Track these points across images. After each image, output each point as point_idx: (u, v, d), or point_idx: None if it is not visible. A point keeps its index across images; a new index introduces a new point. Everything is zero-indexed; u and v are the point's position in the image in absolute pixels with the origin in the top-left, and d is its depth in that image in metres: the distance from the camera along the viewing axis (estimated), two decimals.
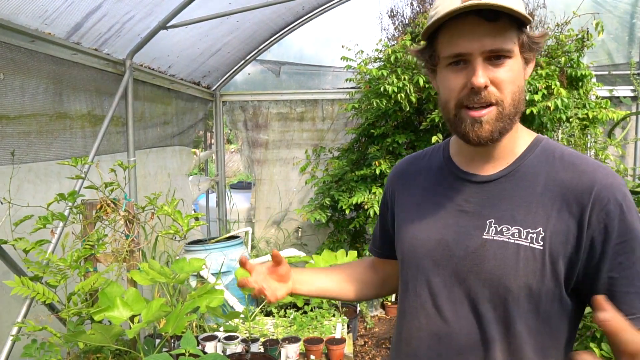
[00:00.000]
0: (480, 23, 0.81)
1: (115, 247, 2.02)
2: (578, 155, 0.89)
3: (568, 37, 3.60)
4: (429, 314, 0.94)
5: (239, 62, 4.50)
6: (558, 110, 3.39)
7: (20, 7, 2.03)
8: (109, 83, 2.85)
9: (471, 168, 0.95)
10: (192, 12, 2.89)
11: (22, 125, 2.18)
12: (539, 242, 0.84)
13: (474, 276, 0.88)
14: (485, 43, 0.82)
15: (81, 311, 1.85)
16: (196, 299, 1.95)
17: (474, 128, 0.86)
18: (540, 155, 0.90)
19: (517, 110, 0.87)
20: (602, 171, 0.85)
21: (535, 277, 0.84)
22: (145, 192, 3.07)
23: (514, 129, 0.90)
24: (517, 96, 0.86)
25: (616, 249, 0.82)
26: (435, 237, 0.93)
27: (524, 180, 0.89)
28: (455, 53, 0.84)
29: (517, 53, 0.85)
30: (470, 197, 0.92)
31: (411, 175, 1.06)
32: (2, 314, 2.03)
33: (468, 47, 0.83)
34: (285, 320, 2.92)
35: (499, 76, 0.83)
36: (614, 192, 0.82)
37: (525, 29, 0.85)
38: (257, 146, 4.75)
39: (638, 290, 0.81)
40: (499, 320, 0.86)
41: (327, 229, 4.41)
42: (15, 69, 2.11)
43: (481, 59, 0.83)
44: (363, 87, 3.98)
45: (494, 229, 0.87)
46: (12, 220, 1.84)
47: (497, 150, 0.92)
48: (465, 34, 0.83)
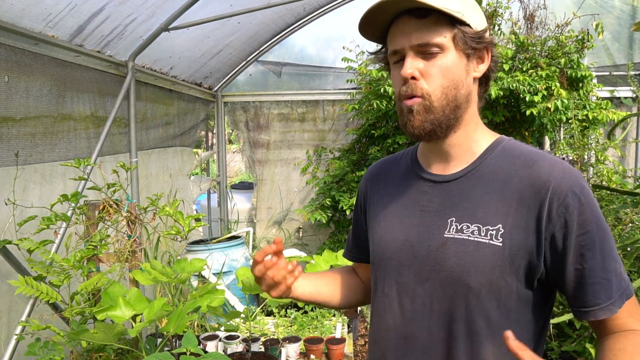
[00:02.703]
0: (410, 20, 0.87)
1: (118, 248, 2.05)
2: (537, 152, 0.91)
3: (568, 38, 3.61)
4: (395, 314, 0.96)
5: (240, 63, 4.52)
6: (558, 112, 3.40)
7: (24, 11, 2.05)
8: (112, 84, 2.87)
9: (434, 169, 0.97)
10: (194, 14, 2.91)
11: (27, 126, 2.21)
12: (498, 239, 0.85)
13: (436, 275, 0.90)
14: (412, 38, 0.87)
15: (84, 310, 1.87)
16: (197, 298, 1.97)
17: (408, 118, 0.90)
18: (500, 155, 0.92)
19: (451, 103, 0.89)
20: (559, 166, 0.87)
21: (495, 273, 0.85)
22: (147, 192, 3.10)
23: (470, 128, 0.94)
24: (448, 90, 0.88)
25: (578, 240, 0.83)
26: (401, 238, 0.96)
27: (484, 178, 0.91)
28: (392, 50, 0.91)
29: (451, 47, 0.87)
30: (434, 197, 0.94)
31: (382, 178, 1.08)
32: (6, 313, 2.06)
33: (400, 43, 0.89)
34: (285, 320, 2.94)
35: (427, 69, 0.88)
36: (571, 186, 0.84)
37: (461, 25, 0.87)
38: (259, 146, 4.77)
39: (601, 281, 0.84)
40: (461, 318, 0.88)
41: (328, 229, 4.43)
42: (19, 71, 2.14)
43: (412, 53, 0.88)
44: (364, 88, 4.00)
45: (454, 227, 0.89)
46: (17, 221, 1.86)
47: (456, 149, 0.94)
48: (399, 32, 0.89)
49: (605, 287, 0.84)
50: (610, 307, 0.84)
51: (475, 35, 0.88)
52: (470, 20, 0.88)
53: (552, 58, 3.60)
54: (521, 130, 3.68)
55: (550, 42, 3.67)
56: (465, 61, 0.90)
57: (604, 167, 3.31)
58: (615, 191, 2.55)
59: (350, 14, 4.35)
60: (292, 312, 3.04)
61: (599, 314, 0.84)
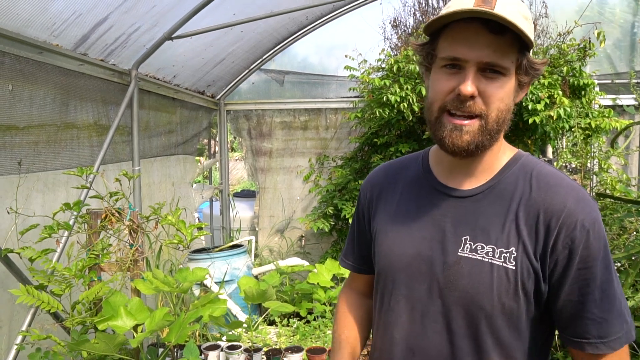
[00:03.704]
0: (484, 33, 0.81)
1: (120, 257, 2.04)
2: (555, 175, 0.89)
3: (570, 46, 3.61)
4: (403, 327, 0.94)
5: (243, 72, 4.54)
6: (561, 120, 3.39)
7: (29, 20, 2.07)
8: (115, 93, 2.88)
9: (450, 181, 0.94)
10: (197, 23, 2.93)
11: (31, 135, 2.21)
12: (511, 262, 0.84)
13: (448, 292, 0.88)
14: (483, 54, 0.81)
15: (85, 320, 1.86)
16: (199, 308, 1.96)
17: (452, 135, 0.85)
18: (518, 173, 0.90)
19: (500, 128, 0.87)
20: (574, 195, 0.85)
21: (508, 296, 0.84)
22: (150, 200, 3.09)
23: (497, 146, 0.91)
24: (502, 114, 0.85)
25: (577, 274, 0.82)
26: (411, 252, 0.93)
27: (500, 198, 0.89)
28: (452, 56, 0.83)
29: (513, 73, 0.85)
30: (448, 212, 0.92)
31: (389, 185, 1.03)
32: (7, 323, 2.05)
33: (466, 53, 0.82)
34: (288, 330, 2.92)
35: (488, 90, 0.83)
36: (582, 219, 0.82)
37: (526, 52, 0.84)
38: (261, 154, 4.78)
39: (594, 318, 0.82)
40: (471, 336, 0.87)
41: (331, 238, 4.42)
42: (24, 80, 2.15)
43: (475, 68, 0.82)
44: (366, 96, 4.00)
45: (469, 247, 0.88)
46: (20, 229, 1.86)
47: (478, 165, 0.91)
48: (467, 40, 0.82)
49: (597, 325, 0.82)
50: (600, 345, 0.82)
51: (536, 66, 0.86)
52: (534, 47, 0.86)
53: (554, 66, 3.60)
54: (524, 139, 3.67)
55: (552, 51, 3.67)
56: (517, 88, 0.88)
57: (607, 175, 3.30)
58: (619, 199, 2.53)
59: (353, 23, 4.36)
60: (295, 321, 3.02)
61: (586, 347, 0.83)
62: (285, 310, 2.61)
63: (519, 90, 0.89)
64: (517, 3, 0.83)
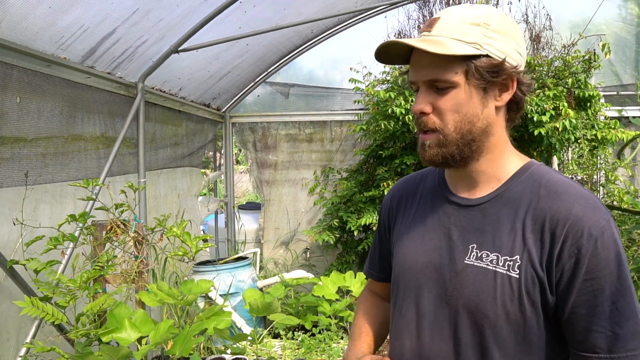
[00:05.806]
0: (424, 53, 0.85)
1: (125, 269, 2.04)
2: (564, 183, 0.87)
3: (575, 58, 3.62)
4: (412, 335, 0.95)
5: (248, 84, 4.57)
6: (566, 131, 3.38)
7: (38, 33, 2.10)
8: (122, 105, 2.91)
9: (459, 191, 0.96)
10: (203, 36, 2.96)
11: (39, 147, 2.23)
12: (515, 270, 0.84)
13: (455, 301, 0.89)
14: (425, 72, 0.87)
15: (89, 332, 1.85)
16: (204, 320, 1.95)
17: (421, 150, 0.92)
18: (526, 181, 0.90)
19: (465, 137, 0.88)
20: (582, 202, 0.83)
21: (513, 304, 0.83)
22: (156, 212, 3.10)
23: (494, 155, 0.91)
24: (462, 124, 0.87)
25: (584, 284, 0.80)
26: (423, 260, 0.95)
27: (507, 206, 0.89)
28: (410, 81, 0.92)
29: (463, 82, 0.85)
30: (457, 221, 0.93)
31: (409, 198, 1.07)
32: (15, 335, 2.04)
33: (414, 76, 0.90)
34: (293, 343, 2.89)
35: (438, 103, 0.87)
36: (589, 227, 0.80)
37: (475, 59, 0.84)
38: (266, 167, 4.78)
39: (604, 330, 0.80)
40: (476, 345, 0.87)
41: (336, 250, 4.39)
42: (31, 92, 2.17)
43: (425, 87, 0.88)
44: (371, 108, 4.01)
45: (474, 254, 0.88)
46: (26, 241, 1.86)
47: (477, 176, 0.93)
48: (414, 64, 0.89)
49: (608, 339, 0.79)
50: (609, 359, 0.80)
51: (492, 67, 0.84)
52: (493, 48, 0.84)
53: (559, 78, 3.60)
54: (529, 150, 3.66)
55: (557, 63, 3.68)
56: (482, 94, 0.87)
57: (614, 187, 3.27)
58: (627, 211, 2.51)
59: (358, 36, 4.40)
60: (300, 334, 2.99)
61: None
62: (290, 323, 2.58)
63: (487, 95, 0.87)
64: (463, 11, 0.87)
